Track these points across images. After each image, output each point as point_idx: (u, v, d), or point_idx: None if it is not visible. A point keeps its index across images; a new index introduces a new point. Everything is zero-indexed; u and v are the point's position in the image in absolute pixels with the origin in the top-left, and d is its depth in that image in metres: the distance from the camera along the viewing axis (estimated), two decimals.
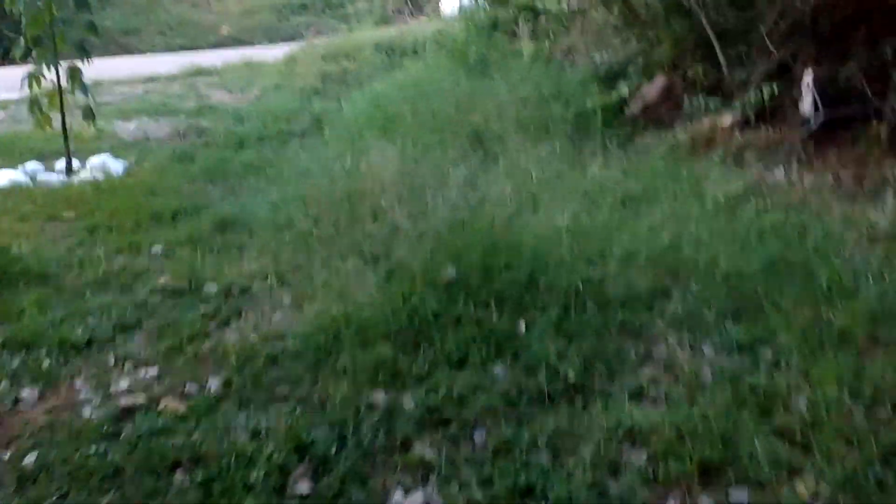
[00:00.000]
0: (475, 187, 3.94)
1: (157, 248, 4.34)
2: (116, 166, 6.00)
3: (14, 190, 5.43)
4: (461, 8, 11.25)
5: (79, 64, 5.88)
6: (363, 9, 15.50)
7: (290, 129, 7.08)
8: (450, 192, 3.73)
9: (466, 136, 5.19)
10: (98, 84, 9.24)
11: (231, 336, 3.29)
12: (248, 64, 10.37)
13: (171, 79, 9.84)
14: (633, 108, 6.18)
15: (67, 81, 5.87)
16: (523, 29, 8.38)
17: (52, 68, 5.78)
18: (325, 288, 3.30)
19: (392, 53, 9.50)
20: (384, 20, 15.08)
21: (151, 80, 9.75)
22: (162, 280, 3.87)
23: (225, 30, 14.93)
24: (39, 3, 5.63)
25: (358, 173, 4.19)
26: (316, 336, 3.02)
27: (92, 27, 5.88)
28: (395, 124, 5.66)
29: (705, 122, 5.50)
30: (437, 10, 13.77)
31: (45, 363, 3.12)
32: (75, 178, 5.76)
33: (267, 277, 3.77)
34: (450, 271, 3.11)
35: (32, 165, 5.96)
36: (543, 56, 7.63)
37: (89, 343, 3.28)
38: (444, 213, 3.48)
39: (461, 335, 2.85)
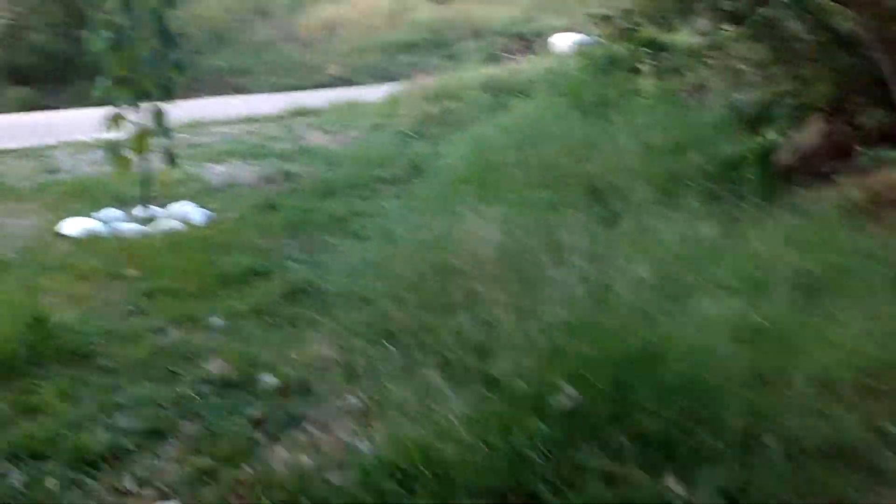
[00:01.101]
0: (597, 264, 3.05)
1: (218, 321, 3.69)
2: (197, 215, 5.48)
3: (85, 241, 4.96)
4: (575, 44, 10.43)
5: (163, 105, 5.42)
6: (471, 47, 14.92)
7: (383, 176, 6.40)
8: (565, 273, 2.86)
9: (583, 191, 4.31)
10: (198, 124, 8.99)
11: (280, 456, 2.53)
12: (350, 104, 9.88)
13: (271, 119, 9.46)
14: (784, 157, 5.13)
15: (151, 124, 5.42)
16: (646, 66, 7.45)
17: (135, 110, 5.34)
18: (399, 401, 2.48)
19: (499, 93, 8.76)
20: (492, 59, 14.44)
21: (251, 120, 9.39)
22: (213, 366, 3.18)
23: (332, 69, 14.67)
24: (124, 42, 5.21)
25: (451, 240, 3.39)
26: (382, 474, 2.21)
27: (179, 67, 5.42)
28: (497, 175, 4.86)
29: (883, 178, 4.39)
30: (548, 47, 12.98)
31: (50, 483, 2.45)
32: (152, 228, 5.26)
33: (333, 372, 3.00)
34: (567, 395, 2.23)
35: (111, 212, 5.52)
36: (669, 95, 6.66)
37: (109, 455, 2.59)
38: (558, 304, 2.62)
39: (586, 498, 1.95)
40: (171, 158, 5.53)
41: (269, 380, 3.06)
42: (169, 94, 5.40)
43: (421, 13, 16.60)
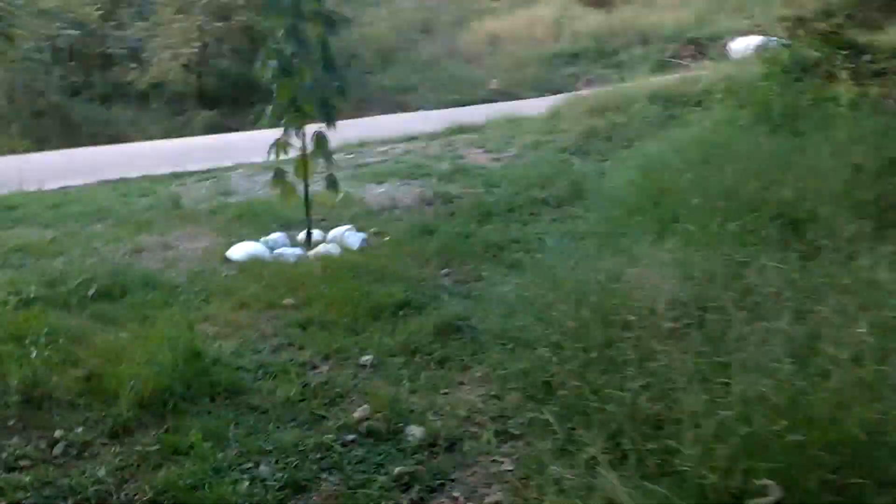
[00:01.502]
0: (800, 317, 2.53)
1: (367, 358, 3.53)
2: (354, 240, 5.43)
3: (249, 265, 5.04)
4: (756, 48, 9.53)
5: (325, 130, 5.43)
6: (638, 56, 14.22)
7: (544, 198, 6.06)
8: (761, 330, 2.38)
9: (775, 222, 3.73)
10: (363, 144, 9.13)
11: None
12: (510, 120, 9.63)
13: (432, 137, 9.43)
14: None
15: (313, 148, 5.45)
16: (843, 70, 6.57)
17: (299, 135, 5.38)
18: (557, 477, 2.13)
19: (670, 105, 8.15)
20: (661, 67, 13.65)
21: (412, 139, 9.41)
22: (359, 413, 2.99)
23: (494, 84, 14.55)
24: (289, 70, 5.26)
25: (619, 282, 2.99)
26: None
27: (341, 92, 5.40)
28: (671, 201, 4.36)
29: None
30: (724, 52, 12.04)
31: None
32: (312, 254, 5.26)
33: (484, 427, 2.71)
34: (771, 492, 1.78)
35: (275, 237, 5.61)
36: (871, 104, 5.80)
37: None
38: (754, 372, 2.16)
39: None
40: (333, 183, 5.53)
41: (415, 432, 2.82)
42: (331, 118, 5.39)
43: (584, 22, 16.10)
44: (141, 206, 6.81)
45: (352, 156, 8.61)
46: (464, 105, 13.97)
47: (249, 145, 10.64)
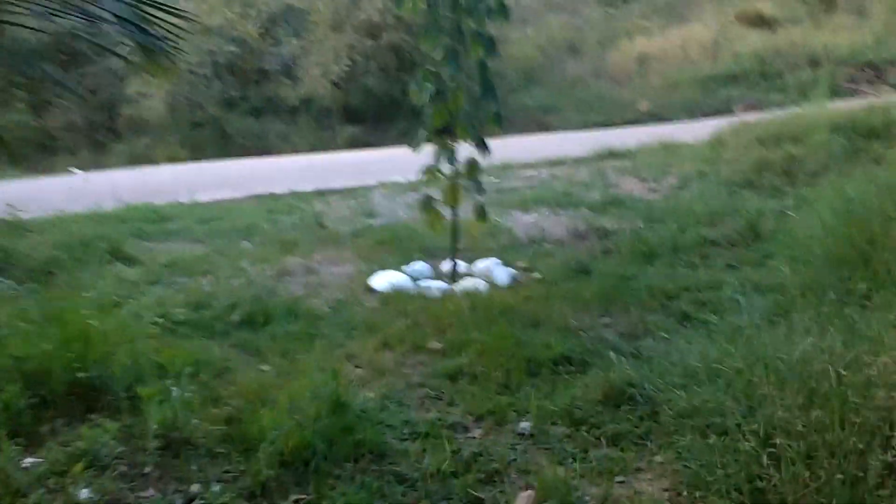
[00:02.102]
0: None
1: (525, 425, 3.10)
2: (502, 276, 5.04)
3: (392, 297, 4.76)
4: None
5: (478, 157, 5.10)
6: (806, 80, 13.03)
7: (715, 238, 5.42)
8: None
9: None
10: (506, 167, 8.75)
11: None
12: (665, 146, 8.96)
13: (579, 162, 8.92)
14: None
15: (465, 176, 5.12)
16: None
17: (451, 162, 5.07)
18: None
19: (855, 137, 7.22)
20: (834, 92, 12.44)
21: (559, 163, 8.95)
22: (521, 501, 2.56)
23: (643, 105, 13.80)
24: (445, 94, 4.96)
25: (858, 369, 2.39)
26: None
27: (498, 119, 5.04)
28: (888, 257, 3.65)
29: None
30: None
31: None
32: (457, 288, 4.92)
33: None
34: None
35: (419, 266, 5.32)
36: None
37: None
38: None
39: None
40: (482, 213, 5.17)
41: None
42: (485, 146, 5.05)
43: (745, 42, 15.02)
44: (286, 225, 6.75)
45: (495, 179, 8.26)
46: (610, 127, 13.35)
47: (391, 163, 10.57)
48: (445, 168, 5.14)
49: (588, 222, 6.17)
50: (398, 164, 10.33)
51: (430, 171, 5.16)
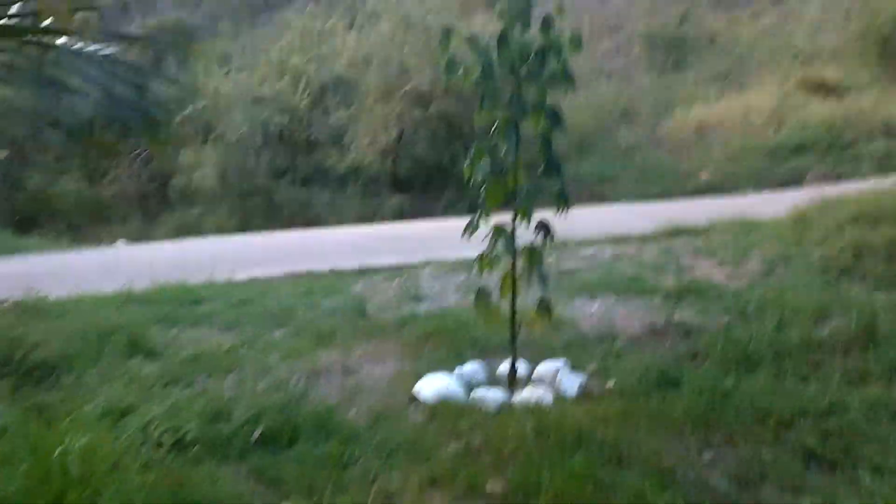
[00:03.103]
0: None
1: None
2: (570, 385, 4.23)
3: (441, 410, 3.99)
4: None
5: (541, 243, 4.36)
6: (882, 149, 12.08)
7: (823, 340, 4.52)
8: None
9: None
10: (562, 244, 7.98)
11: None
12: (740, 223, 8.11)
13: (645, 239, 8.12)
14: None
15: (525, 264, 4.39)
16: None
17: (509, 249, 4.35)
18: None
19: None
20: None
21: (621, 240, 8.15)
22: None
23: (704, 175, 13.00)
24: (503, 171, 4.29)
25: None
26: None
27: (563, 199, 4.32)
28: None
29: None
30: None
31: None
32: (517, 400, 4.11)
33: None
34: None
35: (472, 369, 4.54)
36: None
37: None
38: None
39: None
40: (546, 307, 4.39)
41: None
42: (548, 230, 4.31)
43: (811, 110, 14.16)
44: (324, 310, 6.07)
45: (550, 258, 7.49)
46: (671, 198, 12.55)
47: (440, 237, 9.93)
48: (502, 254, 4.42)
49: (665, 315, 5.32)
50: (447, 238, 9.66)
51: (485, 258, 4.44)
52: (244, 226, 14.76)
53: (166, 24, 27.85)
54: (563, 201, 4.36)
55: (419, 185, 15.05)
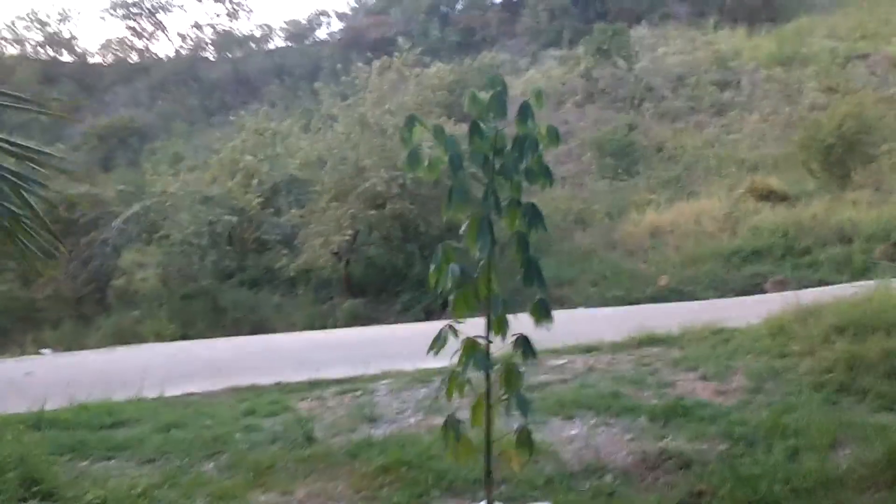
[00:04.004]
0: None
1: None
2: None
3: None
4: None
5: (518, 362, 3.69)
6: (838, 256, 11.96)
7: (843, 474, 3.88)
8: None
9: None
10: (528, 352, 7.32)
11: None
12: (714, 331, 7.61)
13: (617, 348, 7.52)
14: None
15: (500, 385, 3.69)
16: None
17: (483, 368, 3.65)
18: None
19: None
20: (868, 269, 11.34)
21: (592, 349, 7.53)
22: None
23: (663, 280, 12.65)
24: (474, 278, 3.65)
25: None
26: None
27: (544, 311, 3.69)
28: None
29: None
30: None
31: None
32: None
33: None
34: None
35: None
36: None
37: None
38: None
39: None
40: (527, 440, 3.66)
41: None
42: (530, 349, 3.66)
43: (763, 217, 14.14)
44: (265, 436, 5.20)
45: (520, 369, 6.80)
46: (631, 303, 12.10)
47: (397, 343, 9.17)
48: (472, 374, 3.72)
49: (654, 440, 4.63)
50: (404, 344, 8.94)
51: (454, 383, 3.72)
52: (186, 331, 13.71)
53: (117, 123, 27.36)
54: (544, 312, 3.72)
55: (373, 289, 14.35)
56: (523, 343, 3.68)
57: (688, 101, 22.24)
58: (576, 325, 9.12)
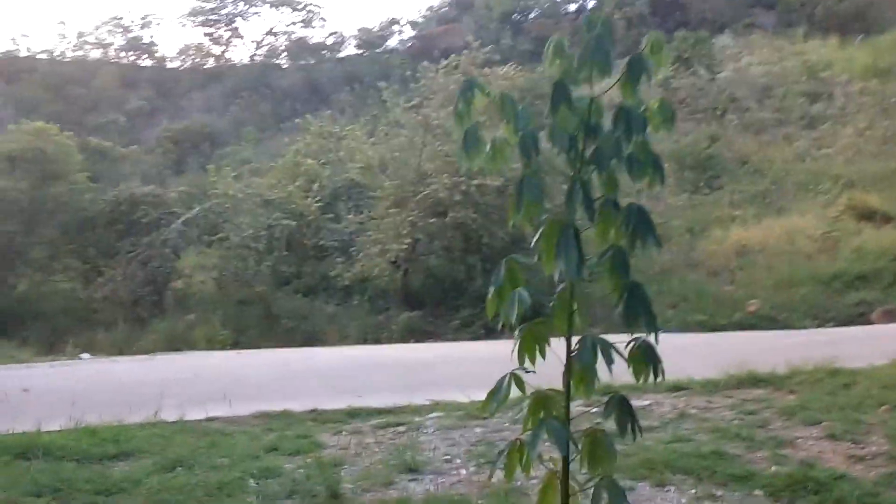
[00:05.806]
0: None
1: None
2: None
3: None
4: None
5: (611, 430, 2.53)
6: None
7: None
8: None
9: None
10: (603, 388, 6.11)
11: None
12: (828, 371, 6.23)
13: (710, 387, 6.20)
14: None
15: (582, 461, 2.53)
16: None
17: (560, 446, 2.50)
18: None
19: None
20: None
21: (680, 388, 6.23)
22: None
23: (753, 305, 11.15)
24: (551, 305, 2.51)
25: None
26: None
27: (651, 361, 2.51)
28: None
29: None
30: None
31: None
32: None
33: None
34: None
35: None
36: None
37: None
38: None
39: None
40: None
41: None
42: (631, 415, 2.48)
43: (866, 238, 12.43)
44: (282, 485, 4.17)
45: (585, 409, 5.59)
46: (715, 329, 10.67)
47: (451, 364, 8.14)
48: (542, 446, 2.56)
49: None
50: (459, 368, 7.87)
51: (516, 453, 2.57)
52: (238, 337, 13.00)
53: (191, 127, 27.35)
54: (650, 363, 2.54)
55: (431, 302, 13.29)
56: (619, 406, 2.51)
57: (775, 113, 20.45)
58: (662, 357, 7.83)
